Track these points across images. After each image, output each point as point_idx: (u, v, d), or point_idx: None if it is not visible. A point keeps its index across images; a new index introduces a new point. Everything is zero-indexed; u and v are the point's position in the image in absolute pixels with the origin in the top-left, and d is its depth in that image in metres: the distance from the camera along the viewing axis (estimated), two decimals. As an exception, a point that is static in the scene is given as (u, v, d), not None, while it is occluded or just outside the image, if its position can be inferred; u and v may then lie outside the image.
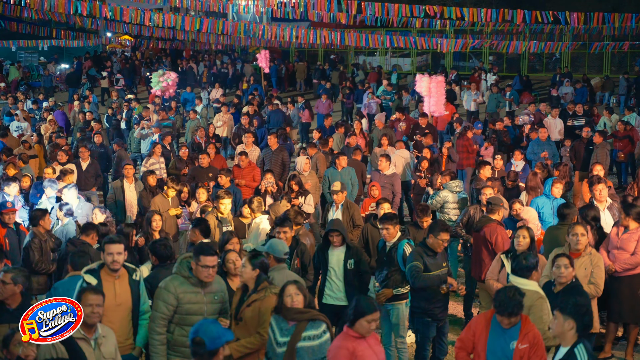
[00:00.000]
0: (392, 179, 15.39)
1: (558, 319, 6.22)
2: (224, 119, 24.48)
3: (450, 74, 36.09)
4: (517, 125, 21.87)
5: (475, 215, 11.91)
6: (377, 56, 44.40)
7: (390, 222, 9.63)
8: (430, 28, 36.90)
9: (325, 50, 43.40)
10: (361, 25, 35.33)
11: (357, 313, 6.63)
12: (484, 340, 6.93)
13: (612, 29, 33.77)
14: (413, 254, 9.13)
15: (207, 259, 7.67)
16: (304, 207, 14.25)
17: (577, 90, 31.11)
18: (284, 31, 28.99)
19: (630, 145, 19.66)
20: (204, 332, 5.83)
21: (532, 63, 43.18)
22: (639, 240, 10.12)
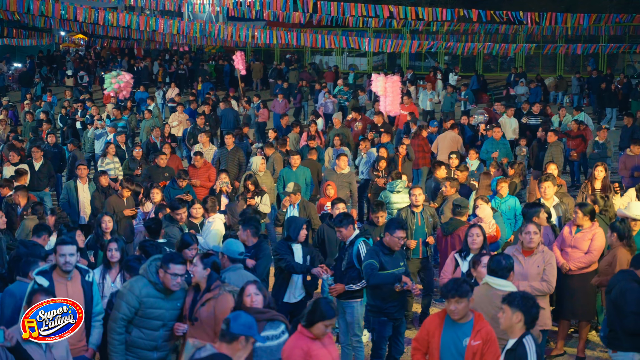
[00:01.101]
0: (349, 177, 15.40)
1: (506, 312, 6.30)
2: (179, 118, 24.32)
3: (406, 74, 36.27)
4: (472, 125, 22.03)
5: (407, 217, 11.83)
6: (334, 56, 44.47)
7: (342, 224, 9.60)
8: (387, 28, 37.06)
9: (282, 50, 43.35)
10: (318, 25, 35.31)
11: (316, 316, 6.60)
12: (437, 338, 6.96)
13: (565, 29, 34.20)
14: (369, 253, 9.10)
15: (176, 267, 7.60)
16: (260, 207, 14.23)
17: (531, 90, 31.45)
18: (240, 31, 28.86)
19: (582, 144, 19.89)
20: (236, 316, 5.91)
21: (487, 63, 43.58)
22: (592, 239, 10.23)
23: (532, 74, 37.59)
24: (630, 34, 38.20)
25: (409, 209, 11.95)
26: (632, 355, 7.96)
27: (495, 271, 7.70)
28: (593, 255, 10.21)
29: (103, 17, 26.47)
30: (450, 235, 10.95)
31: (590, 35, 37.19)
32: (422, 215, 11.80)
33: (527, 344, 6.26)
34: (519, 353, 6.26)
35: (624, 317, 7.88)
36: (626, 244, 9.54)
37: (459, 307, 6.88)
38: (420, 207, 11.84)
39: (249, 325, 5.90)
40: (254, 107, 27.75)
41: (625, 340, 7.94)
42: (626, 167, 16.47)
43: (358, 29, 38.20)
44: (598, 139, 18.88)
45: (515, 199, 12.79)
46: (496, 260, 7.80)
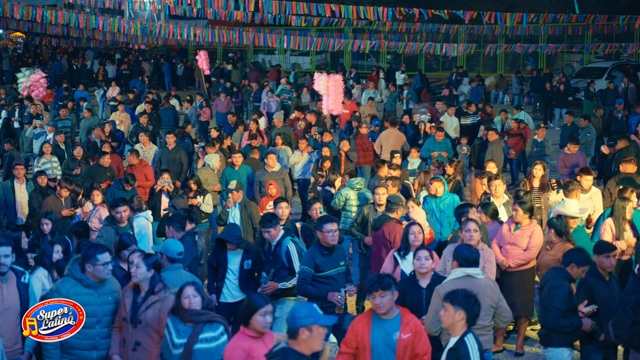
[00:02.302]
0: (281, 174, 15.41)
1: (448, 310, 6.31)
2: (120, 117, 24.05)
3: (349, 73, 36.40)
4: (414, 124, 22.16)
5: (369, 214, 11.91)
6: (277, 55, 44.46)
7: (270, 225, 9.54)
8: (329, 27, 37.14)
9: (224, 49, 43.18)
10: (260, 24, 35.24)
11: (249, 309, 6.56)
12: (367, 337, 6.94)
13: (505, 29, 34.65)
14: (305, 257, 8.98)
15: (103, 256, 7.55)
16: (203, 207, 14.14)
17: (472, 89, 31.78)
18: (182, 29, 28.64)
19: (521, 142, 20.13)
20: (293, 310, 5.86)
21: (429, 62, 43.96)
22: (531, 236, 10.34)
23: (474, 73, 38.02)
24: (569, 34, 38.89)
25: (372, 207, 12.04)
26: (562, 350, 8.06)
27: (470, 262, 7.85)
28: (532, 252, 10.32)
29: (41, 14, 26.04)
30: (376, 231, 10.97)
31: (530, 35, 37.80)
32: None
33: (469, 343, 6.27)
34: (461, 352, 6.27)
35: (548, 312, 7.99)
36: (566, 240, 9.66)
37: (384, 301, 6.88)
38: (384, 206, 11.88)
39: (305, 316, 5.81)
40: (197, 106, 27.58)
41: (556, 337, 8.04)
42: (565, 165, 16.71)
43: (301, 28, 38.22)
44: (537, 138, 19.12)
45: (454, 197, 12.84)
46: (470, 251, 7.94)
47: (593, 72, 34.02)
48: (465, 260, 7.85)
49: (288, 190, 15.47)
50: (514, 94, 33.68)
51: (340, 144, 17.88)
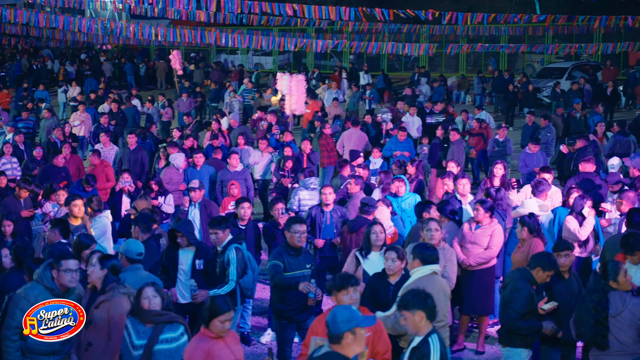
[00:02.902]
0: (243, 175, 15.39)
1: (408, 317, 6.31)
2: (81, 118, 23.85)
3: (312, 73, 36.42)
4: (377, 123, 22.23)
5: (316, 215, 11.85)
6: (239, 55, 44.33)
7: (219, 227, 9.47)
8: (292, 27, 37.13)
9: (187, 49, 42.97)
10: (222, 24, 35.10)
11: (211, 312, 6.54)
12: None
13: (466, 29, 34.88)
14: (274, 254, 8.99)
15: (68, 263, 7.47)
16: (164, 207, 14.06)
17: (434, 89, 31.94)
18: (143, 29, 28.46)
19: (482, 142, 20.27)
20: (333, 315, 5.75)
21: (392, 62, 44.11)
22: (492, 235, 10.40)
23: (436, 73, 38.23)
24: (530, 34, 39.24)
25: (318, 208, 11.95)
26: (520, 351, 8.12)
27: (433, 259, 7.90)
28: (492, 251, 10.39)
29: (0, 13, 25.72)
30: (355, 233, 10.95)
31: (491, 35, 38.07)
32: (331, 215, 11.81)
33: (431, 343, 6.30)
34: (423, 351, 6.30)
35: (506, 313, 8.05)
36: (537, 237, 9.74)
37: (353, 298, 6.90)
38: (331, 206, 11.84)
39: (347, 320, 5.70)
40: (159, 106, 27.45)
41: (515, 337, 8.09)
42: (526, 165, 16.87)
43: (263, 28, 38.16)
44: (498, 137, 19.27)
45: (415, 197, 12.92)
46: (428, 248, 8.03)
47: (553, 73, 34.35)
48: (429, 257, 7.90)
49: (250, 191, 15.45)
50: (475, 94, 33.90)
51: (302, 144, 17.87)
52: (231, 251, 9.37)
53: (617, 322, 7.48)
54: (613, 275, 7.60)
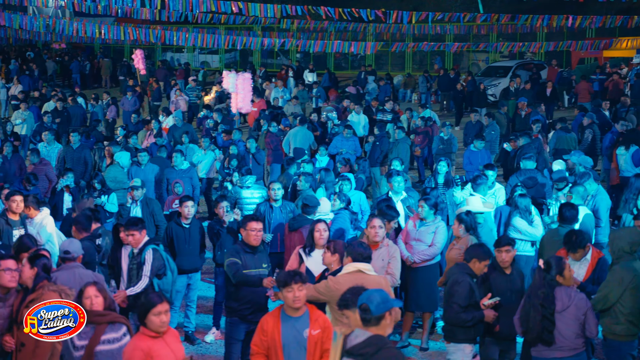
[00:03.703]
0: (189, 173, 15.30)
1: (350, 316, 6.29)
2: (23, 116, 23.48)
3: (259, 71, 36.32)
4: (322, 122, 22.26)
5: (265, 211, 11.83)
6: (185, 53, 44.03)
7: (136, 228, 9.32)
8: (238, 25, 36.98)
9: (132, 47, 42.58)
10: (168, 22, 34.88)
11: (144, 308, 6.47)
12: (277, 336, 6.91)
13: (412, 28, 35.08)
14: (230, 251, 8.87)
15: (6, 262, 7.38)
16: (107, 206, 13.91)
17: (380, 87, 32.07)
18: (87, 26, 28.11)
19: (427, 140, 20.41)
20: (369, 299, 5.82)
21: (338, 61, 44.21)
22: (436, 232, 10.48)
23: (382, 72, 38.41)
24: (474, 33, 39.61)
25: (267, 204, 11.93)
26: (464, 346, 8.18)
27: (365, 257, 7.90)
28: (436, 248, 10.46)
29: (-60, 10, 25.24)
30: (295, 232, 10.92)
31: (437, 34, 38.34)
32: (281, 210, 11.79)
33: None
34: None
35: (449, 307, 8.11)
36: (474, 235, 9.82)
37: (301, 295, 6.89)
38: (280, 201, 11.82)
39: (384, 300, 5.85)
40: (103, 104, 27.18)
41: (459, 332, 8.15)
42: (471, 162, 17.02)
43: (209, 26, 37.95)
44: (443, 135, 19.41)
45: (360, 194, 12.96)
46: (361, 246, 8.01)
47: (498, 71, 34.70)
48: (359, 255, 7.90)
49: (196, 189, 15.37)
50: (421, 93, 34.10)
51: (247, 142, 17.81)
52: (147, 252, 9.25)
53: (563, 317, 7.55)
54: (559, 270, 7.68)
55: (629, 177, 15.18)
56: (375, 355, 5.68)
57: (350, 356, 5.75)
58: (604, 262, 8.80)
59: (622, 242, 8.08)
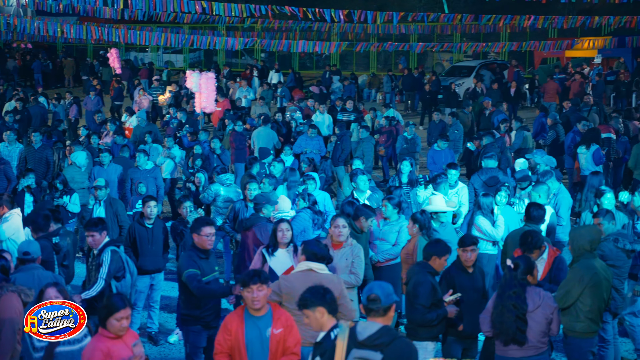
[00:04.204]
0: (153, 173, 15.23)
1: (309, 315, 6.29)
2: (-18, 116, 23.26)
3: (223, 70, 36.22)
4: (287, 121, 22.25)
5: (240, 210, 11.85)
6: (149, 52, 43.79)
7: (95, 229, 9.19)
8: (202, 24, 36.85)
9: (95, 46, 42.28)
10: (132, 21, 34.63)
11: (107, 311, 6.43)
12: (241, 335, 6.89)
13: (377, 28, 35.18)
14: (187, 261, 8.52)
15: None
16: (69, 207, 13.81)
17: (345, 87, 32.11)
18: (49, 25, 27.83)
19: (391, 140, 20.48)
20: (379, 289, 6.00)
21: (303, 60, 44.21)
22: (399, 232, 10.51)
23: (347, 72, 38.48)
24: (438, 33, 39.81)
25: (243, 202, 11.98)
26: (426, 344, 8.19)
27: (319, 257, 7.89)
28: (400, 247, 10.46)
29: None
30: (247, 230, 10.87)
31: (401, 34, 38.48)
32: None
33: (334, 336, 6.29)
34: (325, 346, 6.31)
35: (413, 309, 8.12)
36: (425, 234, 9.84)
37: (260, 295, 6.86)
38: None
39: (391, 292, 6.06)
40: (66, 104, 26.95)
41: (422, 330, 8.17)
42: (434, 162, 17.09)
43: (173, 25, 37.77)
44: (407, 135, 19.48)
45: (325, 194, 12.97)
46: (316, 245, 8.02)
47: (462, 71, 34.91)
48: (313, 255, 7.91)
49: (160, 189, 15.29)
50: (386, 92, 34.20)
51: (211, 142, 17.76)
52: (106, 253, 9.09)
53: (533, 316, 7.57)
54: (529, 270, 7.74)
55: (590, 176, 15.44)
56: (390, 346, 5.79)
57: (364, 347, 5.81)
58: (560, 261, 8.88)
59: (582, 240, 8.15)
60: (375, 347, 5.79)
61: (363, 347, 5.81)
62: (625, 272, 9.13)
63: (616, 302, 8.87)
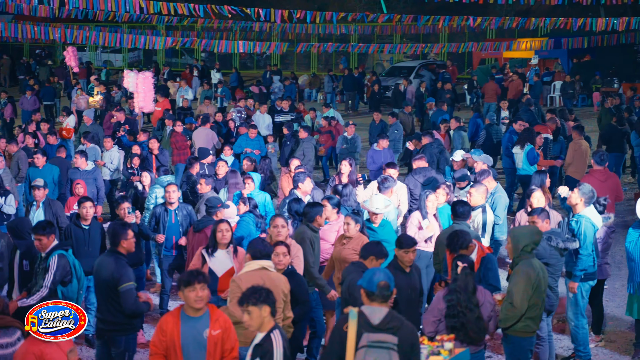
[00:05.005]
0: (93, 174, 15.03)
1: (253, 312, 6.29)
2: None
3: (163, 70, 35.97)
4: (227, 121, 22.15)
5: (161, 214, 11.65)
6: (87, 52, 43.28)
7: (43, 233, 8.96)
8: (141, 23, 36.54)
9: (31, 45, 41.64)
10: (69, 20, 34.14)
11: None
12: (177, 337, 6.84)
13: (317, 28, 35.26)
14: (127, 273, 8.18)
15: None
16: (5, 208, 13.55)
17: (286, 87, 32.12)
18: (-19, 24, 27.28)
19: (331, 140, 20.53)
20: (385, 276, 6.50)
21: (244, 60, 44.14)
22: (339, 231, 10.51)
23: (287, 72, 38.48)
24: (378, 33, 40.06)
25: (163, 206, 11.73)
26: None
27: (264, 254, 7.95)
28: (338, 247, 10.49)
29: None
30: (199, 233, 10.81)
31: (342, 34, 38.63)
32: (176, 213, 11.64)
33: (274, 339, 6.33)
34: (266, 347, 6.31)
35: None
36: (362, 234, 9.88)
37: (203, 295, 6.83)
38: (176, 204, 11.66)
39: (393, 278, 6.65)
40: (1, 103, 26.52)
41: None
42: (374, 162, 17.16)
43: (112, 24, 37.38)
44: (347, 135, 19.55)
45: (265, 195, 12.95)
46: (264, 244, 8.08)
47: (402, 71, 35.18)
48: (258, 252, 7.94)
49: (101, 190, 15.08)
50: (326, 92, 34.30)
51: (150, 142, 17.59)
52: (53, 257, 8.90)
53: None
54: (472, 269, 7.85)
55: (525, 175, 15.66)
56: (401, 329, 6.30)
57: (380, 331, 6.24)
58: (489, 261, 8.96)
59: (525, 240, 8.17)
60: (389, 330, 6.22)
61: (378, 331, 6.22)
62: (558, 271, 9.27)
63: (550, 299, 8.98)
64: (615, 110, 22.00)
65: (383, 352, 6.23)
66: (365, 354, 6.22)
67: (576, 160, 16.16)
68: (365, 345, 6.23)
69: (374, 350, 6.22)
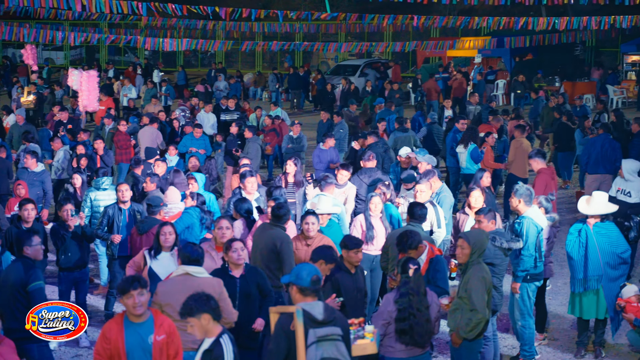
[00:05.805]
0: (41, 176, 14.78)
1: (195, 322, 6.25)
2: None
3: (108, 68, 35.58)
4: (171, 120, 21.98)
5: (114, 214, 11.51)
6: (28, 49, 42.58)
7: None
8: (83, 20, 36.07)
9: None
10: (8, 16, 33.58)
11: None
12: (121, 343, 6.75)
13: (262, 26, 35.18)
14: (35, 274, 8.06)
15: None
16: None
17: (231, 85, 31.98)
18: None
19: (276, 138, 20.50)
20: (315, 270, 6.59)
21: (188, 58, 43.86)
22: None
23: (232, 70, 38.35)
24: (323, 32, 40.10)
25: (116, 206, 11.56)
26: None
27: (192, 260, 7.84)
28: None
29: None
30: (145, 234, 10.68)
31: (287, 32, 38.59)
32: (129, 212, 11.50)
33: (223, 344, 6.29)
34: (216, 353, 6.26)
35: None
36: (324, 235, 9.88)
37: (142, 300, 6.74)
38: (128, 203, 11.51)
39: None
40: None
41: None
42: (321, 161, 17.14)
43: (53, 22, 36.83)
44: (293, 134, 19.52)
45: (210, 195, 12.87)
46: (192, 249, 7.94)
47: (347, 70, 35.27)
48: (187, 258, 7.88)
49: (48, 194, 14.80)
50: (271, 91, 34.25)
51: (95, 143, 17.37)
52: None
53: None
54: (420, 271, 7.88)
55: (469, 175, 15.79)
56: (338, 318, 6.47)
57: (325, 325, 6.30)
58: (437, 262, 8.97)
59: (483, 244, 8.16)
60: (331, 323, 6.30)
61: (323, 326, 6.26)
62: (502, 271, 9.32)
63: (495, 299, 9.03)
64: (558, 109, 22.26)
65: (331, 344, 6.28)
66: (316, 349, 6.23)
67: (517, 158, 16.32)
68: (315, 341, 6.24)
69: (323, 344, 6.26)
